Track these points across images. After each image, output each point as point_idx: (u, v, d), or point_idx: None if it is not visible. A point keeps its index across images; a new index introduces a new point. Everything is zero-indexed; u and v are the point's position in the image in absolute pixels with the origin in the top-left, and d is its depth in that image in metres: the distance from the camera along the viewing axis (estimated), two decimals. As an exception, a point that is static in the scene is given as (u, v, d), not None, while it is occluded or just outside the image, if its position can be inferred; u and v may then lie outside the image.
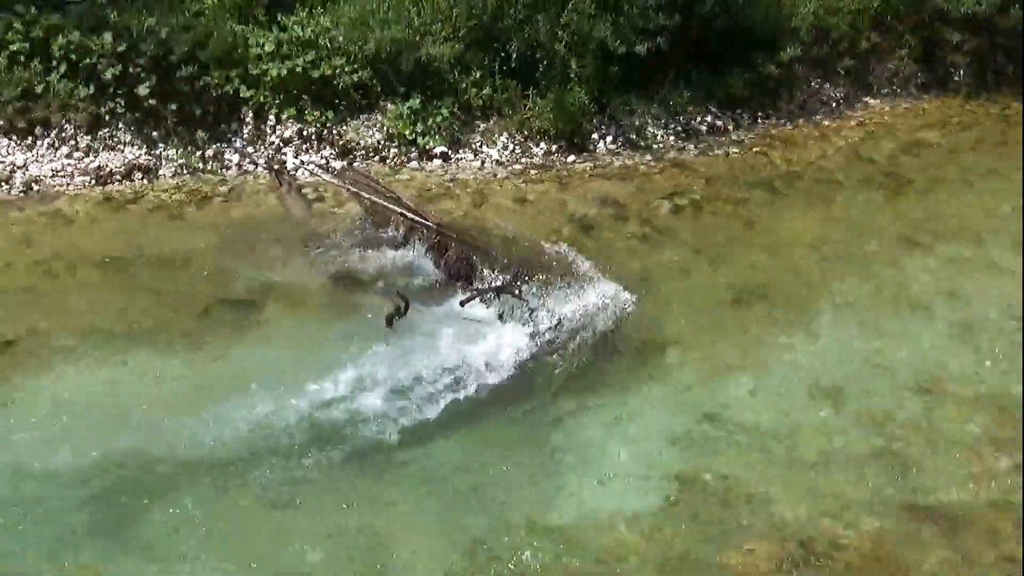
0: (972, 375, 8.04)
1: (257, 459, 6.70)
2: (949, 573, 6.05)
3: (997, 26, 14.59)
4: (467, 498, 6.53)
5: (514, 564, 5.97)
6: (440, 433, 7.11)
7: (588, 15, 11.67)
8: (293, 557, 5.98)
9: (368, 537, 6.13)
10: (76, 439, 6.74)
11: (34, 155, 10.56)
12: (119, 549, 5.96)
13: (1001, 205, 11.19)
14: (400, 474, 6.72)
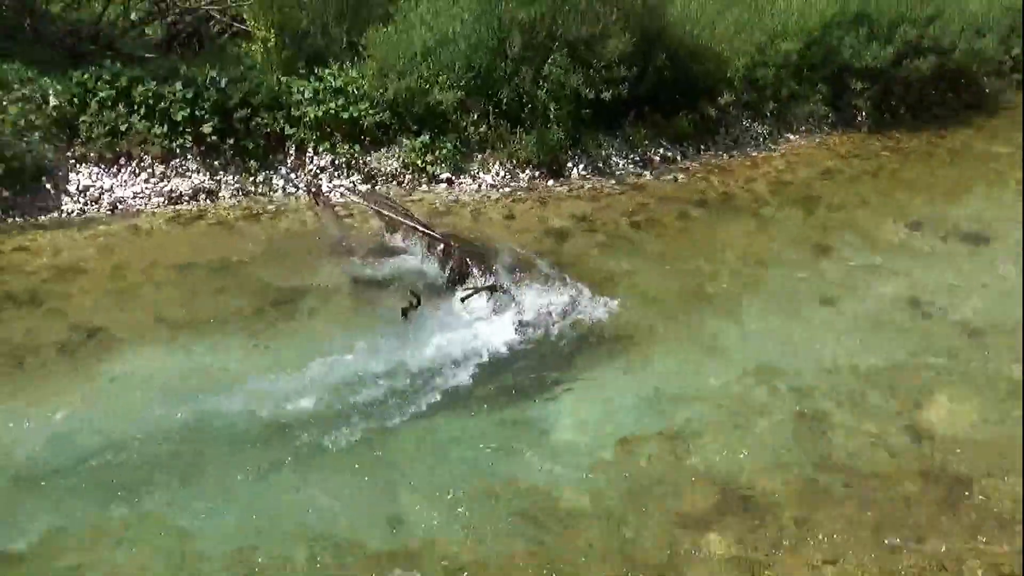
0: (872, 355, 8.19)
1: (306, 423, 6.90)
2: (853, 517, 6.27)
3: (892, 75, 14.83)
4: (460, 462, 6.70)
5: (501, 509, 6.22)
6: (444, 405, 7.27)
7: (564, 68, 11.90)
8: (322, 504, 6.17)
9: (382, 488, 6.34)
10: (152, 405, 6.95)
11: (119, 180, 10.72)
12: (192, 494, 6.18)
13: (894, 220, 11.41)
14: (409, 441, 6.87)
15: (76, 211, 10.34)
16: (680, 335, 8.51)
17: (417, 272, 9.48)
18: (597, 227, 10.89)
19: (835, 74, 14.81)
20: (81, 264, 9.22)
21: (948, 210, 11.81)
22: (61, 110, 10.73)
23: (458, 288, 9.00)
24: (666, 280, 9.58)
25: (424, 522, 5.95)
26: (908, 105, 15.51)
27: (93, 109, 10.78)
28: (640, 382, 7.70)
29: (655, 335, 8.44)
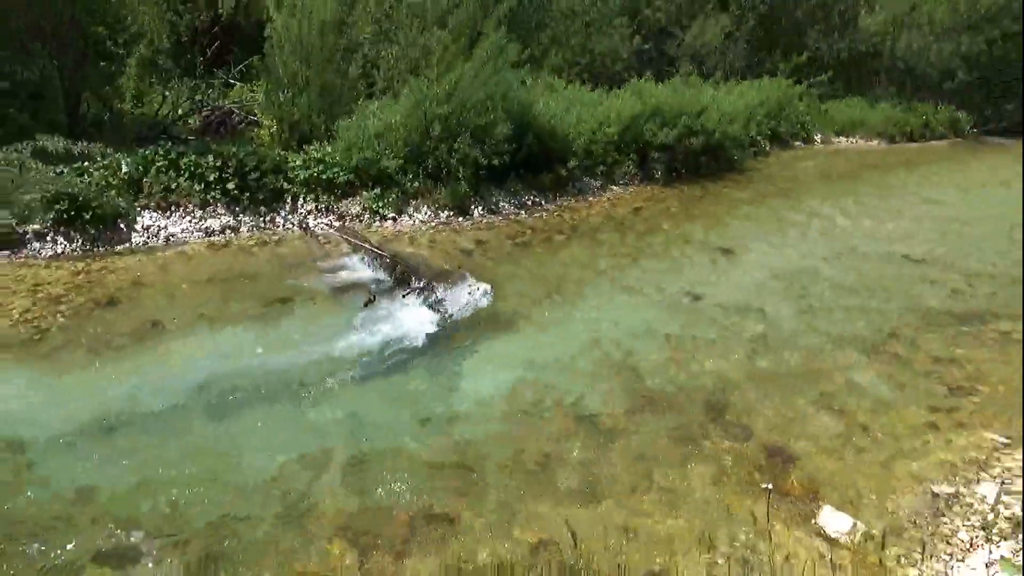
0: (666, 325, 8.40)
1: (304, 378, 6.88)
2: (659, 424, 6.46)
3: (676, 148, 15.23)
4: (400, 398, 6.79)
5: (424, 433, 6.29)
6: (392, 363, 7.30)
7: (468, 145, 11.99)
8: (313, 435, 6.18)
9: (362, 407, 6.40)
10: (199, 373, 6.86)
11: (171, 221, 10.43)
12: (227, 432, 6.15)
13: (679, 239, 11.75)
14: (371, 389, 6.87)
15: (141, 243, 10.03)
16: (543, 317, 8.58)
17: (373, 279, 9.43)
18: (491, 248, 10.94)
19: (641, 147, 15.14)
20: (145, 278, 8.96)
21: (710, 233, 12.16)
22: (130, 175, 10.46)
23: (401, 288, 8.98)
24: (535, 282, 9.66)
25: (382, 429, 5.99)
26: (687, 167, 15.87)
27: (152, 174, 10.54)
28: (518, 349, 7.78)
29: (528, 318, 8.52)
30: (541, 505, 5.29)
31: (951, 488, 5.62)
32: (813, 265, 10.65)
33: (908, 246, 11.71)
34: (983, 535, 5.00)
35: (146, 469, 5.49)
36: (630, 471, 5.72)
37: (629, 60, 19.60)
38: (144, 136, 11.75)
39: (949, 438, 6.32)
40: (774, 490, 5.49)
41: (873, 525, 5.14)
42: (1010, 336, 8.35)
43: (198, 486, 5.32)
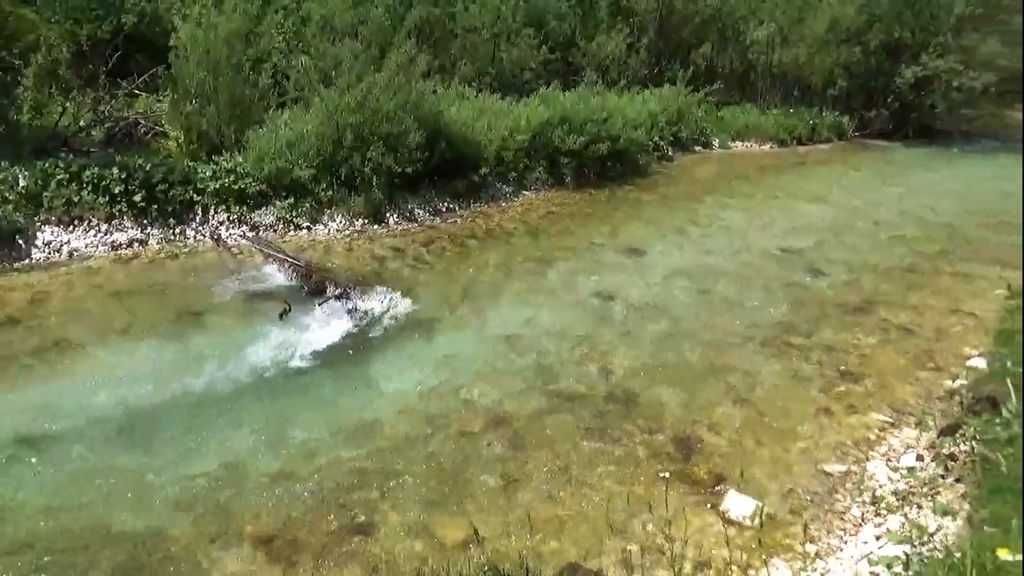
0: (578, 325, 8.46)
1: (218, 391, 6.63)
2: (568, 422, 6.49)
3: (584, 154, 15.39)
4: (318, 401, 6.62)
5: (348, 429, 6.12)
6: (309, 368, 7.12)
7: (381, 153, 11.80)
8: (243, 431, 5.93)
9: (280, 418, 6.19)
10: (112, 388, 6.53)
11: (74, 236, 9.87)
12: (139, 449, 5.83)
13: (589, 242, 11.88)
14: (287, 399, 6.70)
15: (42, 259, 9.44)
16: (459, 321, 8.54)
17: (289, 288, 9.13)
18: (406, 254, 10.79)
19: (551, 154, 15.21)
20: (47, 295, 8.44)
21: (618, 235, 12.36)
22: (28, 189, 9.79)
23: (317, 297, 8.73)
24: (450, 285, 9.60)
25: (299, 438, 5.81)
26: (595, 172, 16.03)
27: (52, 187, 9.90)
28: (434, 352, 7.70)
29: (444, 322, 8.45)
30: (460, 504, 5.24)
31: (843, 467, 5.86)
32: (714, 263, 10.95)
33: (800, 242, 12.19)
34: (873, 510, 5.21)
35: (53, 489, 5.17)
36: (546, 467, 5.73)
37: (537, 70, 19.71)
38: (43, 149, 11.02)
39: (841, 421, 6.60)
40: (683, 479, 5.60)
41: (774, 506, 5.29)
42: (891, 323, 8.79)
43: (112, 504, 5.03)
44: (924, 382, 7.35)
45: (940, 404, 6.75)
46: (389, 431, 6.16)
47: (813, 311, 9.14)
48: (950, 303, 9.48)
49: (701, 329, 8.50)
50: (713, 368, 7.53)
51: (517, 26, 19.60)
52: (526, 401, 6.72)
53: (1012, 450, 3.63)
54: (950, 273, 10.79)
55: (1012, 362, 4.85)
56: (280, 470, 5.55)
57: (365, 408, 6.52)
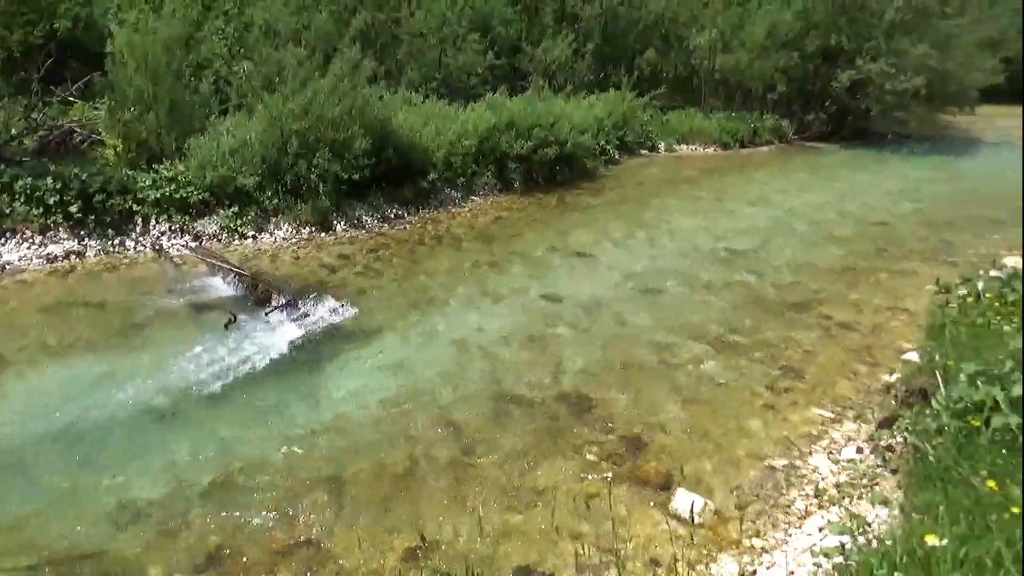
0: (528, 327, 8.47)
1: (163, 404, 6.47)
2: (526, 429, 6.50)
3: (532, 159, 15.50)
4: (265, 408, 6.51)
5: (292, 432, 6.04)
6: (255, 377, 6.98)
7: (327, 160, 11.68)
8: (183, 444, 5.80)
9: (225, 430, 6.07)
10: (48, 406, 6.29)
11: (6, 249, 9.56)
12: (80, 467, 5.65)
13: (539, 246, 11.93)
14: (234, 410, 6.55)
15: (-28, 272, 9.12)
16: (408, 327, 8.47)
17: (234, 298, 8.97)
18: (355, 262, 10.69)
19: (499, 159, 15.28)
20: (-22, 310, 8.13)
21: (567, 238, 12.45)
22: (-45, 200, 9.44)
23: (263, 306, 8.58)
24: (400, 293, 9.52)
25: (247, 449, 5.68)
26: (543, 176, 16.17)
27: (-18, 198, 9.55)
28: (384, 359, 7.62)
29: (394, 329, 8.37)
30: (412, 511, 5.20)
31: (787, 462, 6.00)
32: (662, 264, 11.12)
33: (744, 243, 12.46)
34: (816, 502, 5.35)
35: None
36: (498, 471, 5.72)
37: (484, 75, 19.78)
38: (-29, 159, 10.65)
39: (785, 416, 6.74)
40: (634, 479, 5.67)
41: (722, 502, 5.39)
42: (832, 320, 9.04)
43: (50, 523, 4.85)
44: (863, 377, 7.56)
45: (878, 398, 6.96)
46: (338, 440, 6.07)
47: (757, 310, 9.34)
48: (887, 300, 9.79)
49: (649, 329, 8.62)
50: (661, 368, 7.64)
51: (463, 31, 19.64)
52: (477, 406, 6.70)
53: (941, 439, 3.78)
54: (886, 271, 11.14)
55: (940, 355, 5.04)
56: (225, 483, 5.43)
57: (313, 417, 6.41)
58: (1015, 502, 2.95)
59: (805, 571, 4.30)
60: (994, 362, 4.07)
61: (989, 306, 5.62)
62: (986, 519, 2.89)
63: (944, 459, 3.58)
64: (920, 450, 3.94)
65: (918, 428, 4.20)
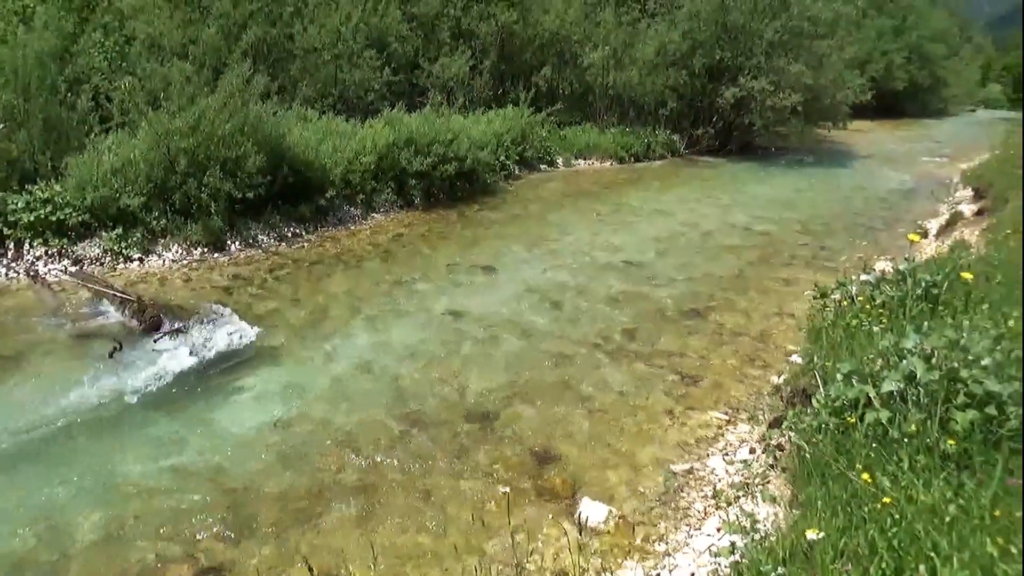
0: (431, 345, 8.45)
1: (45, 438, 6.05)
2: (423, 450, 6.45)
3: (432, 175, 15.49)
4: (153, 439, 6.22)
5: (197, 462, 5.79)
6: (146, 418, 6.64)
7: (219, 178, 11.31)
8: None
9: (112, 464, 5.76)
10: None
11: None
12: None
13: (440, 262, 11.91)
14: (123, 442, 6.24)
15: None
16: (307, 348, 8.28)
17: (120, 324, 8.52)
18: (251, 283, 10.36)
19: (398, 175, 15.18)
20: None
21: (469, 254, 12.50)
22: None
23: (152, 332, 8.20)
24: (298, 312, 9.29)
25: (138, 482, 5.39)
26: (444, 192, 16.17)
27: None
28: (283, 383, 7.42)
29: (293, 351, 8.17)
30: (317, 537, 5.09)
31: (687, 465, 6.22)
32: (563, 277, 11.32)
33: (641, 254, 12.86)
34: (714, 503, 5.57)
35: None
36: (404, 492, 5.67)
37: (381, 91, 19.63)
38: None
39: (683, 421, 7.00)
40: (541, 492, 5.73)
41: (626, 509, 5.53)
42: (724, 327, 9.46)
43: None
44: (754, 380, 7.94)
45: (768, 399, 7.32)
46: (235, 468, 5.87)
47: (654, 319, 9.66)
48: (773, 305, 10.33)
49: (552, 342, 8.75)
50: (565, 379, 7.77)
51: (359, 47, 19.44)
52: (382, 427, 6.61)
53: (821, 437, 4.03)
54: (772, 278, 11.75)
55: (818, 357, 5.36)
56: (113, 519, 5.14)
57: (208, 446, 6.16)
58: (886, 492, 3.18)
59: (706, 571, 4.46)
60: (866, 361, 4.37)
61: (861, 308, 6.03)
62: (862, 510, 3.10)
63: (824, 455, 3.81)
64: (802, 448, 4.18)
65: (800, 427, 4.44)
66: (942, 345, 3.98)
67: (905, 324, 5.10)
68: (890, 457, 3.52)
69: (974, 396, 3.68)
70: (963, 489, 3.26)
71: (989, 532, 2.94)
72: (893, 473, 3.40)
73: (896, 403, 3.86)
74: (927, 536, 2.86)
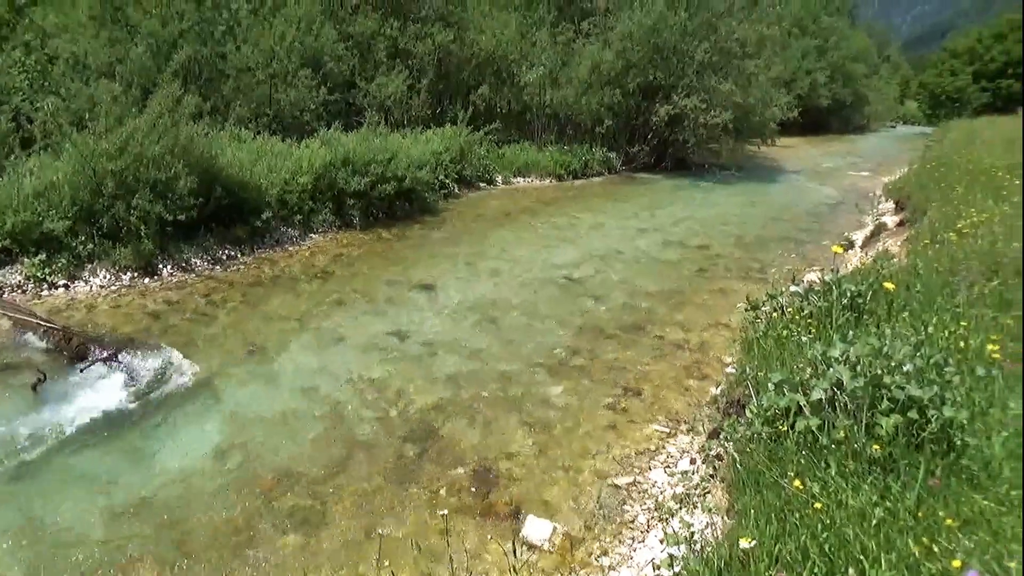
0: (371, 368, 8.34)
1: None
2: (366, 475, 6.34)
3: (370, 194, 15.39)
4: (87, 477, 5.97)
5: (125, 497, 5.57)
6: (71, 453, 6.37)
7: (148, 201, 11.01)
8: None
9: (39, 505, 5.48)
10: None
11: None
12: None
13: (381, 281, 11.80)
14: (46, 479, 5.97)
15: None
16: (244, 374, 8.08)
17: (44, 355, 8.14)
18: (184, 308, 10.06)
19: (336, 195, 15.03)
20: None
21: (410, 273, 12.42)
22: None
23: (79, 362, 7.87)
24: (235, 337, 9.07)
25: (64, 522, 5.15)
26: (383, 212, 16.08)
27: None
28: (219, 411, 7.22)
29: (230, 377, 7.95)
30: (257, 572, 4.94)
31: (629, 479, 6.28)
32: (504, 294, 11.35)
33: (581, 270, 13.01)
34: (656, 515, 5.64)
35: None
36: (345, 519, 5.57)
37: (317, 111, 19.45)
38: None
39: (626, 435, 7.07)
40: (485, 512, 5.70)
41: (570, 525, 5.55)
42: (663, 339, 9.62)
43: None
44: (694, 391, 8.09)
45: (707, 410, 7.45)
46: (172, 500, 5.67)
47: (595, 334, 9.76)
48: (710, 317, 10.57)
49: (494, 359, 8.76)
50: (507, 397, 7.77)
51: (294, 67, 19.25)
52: (322, 453, 6.49)
53: (754, 446, 4.13)
54: (708, 290, 12.03)
55: (751, 367, 5.51)
56: (43, 562, 4.90)
57: (140, 481, 5.94)
58: (817, 498, 3.28)
59: (648, 583, 4.51)
60: (796, 370, 4.50)
61: (791, 319, 6.22)
62: (794, 517, 3.19)
63: (757, 464, 3.90)
64: (738, 457, 4.28)
65: (735, 436, 4.55)
66: (866, 353, 4.13)
67: (832, 333, 5.28)
68: (820, 463, 3.64)
69: (897, 401, 3.83)
70: (889, 492, 3.38)
71: (914, 533, 3.05)
72: (823, 479, 3.51)
73: (825, 410, 3.99)
74: (856, 539, 2.96)
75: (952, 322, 5.53)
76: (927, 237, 9.97)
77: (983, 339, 5.07)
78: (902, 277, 7.06)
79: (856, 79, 63.38)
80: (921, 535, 2.99)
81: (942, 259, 7.99)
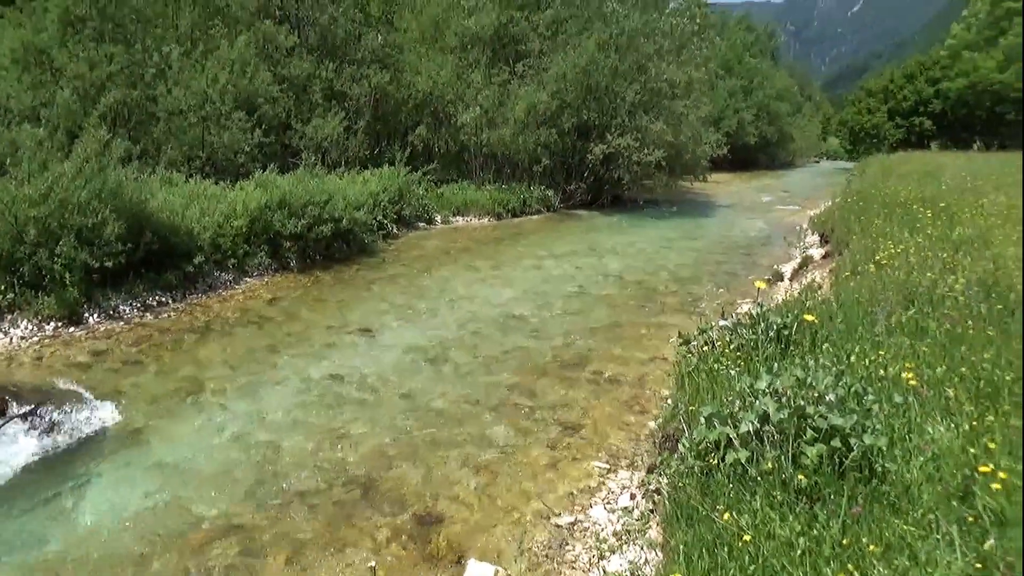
0: (312, 412, 8.20)
1: None
2: (294, 524, 6.20)
3: (307, 236, 15.25)
4: (19, 541, 5.67)
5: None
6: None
7: (73, 248, 10.68)
8: None
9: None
10: None
11: None
12: None
13: (318, 325, 11.65)
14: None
15: None
16: (176, 425, 7.81)
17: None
18: (112, 357, 9.73)
19: (272, 238, 14.86)
20: None
21: (347, 316, 12.30)
22: None
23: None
24: (166, 387, 8.78)
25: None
26: (320, 254, 15.95)
27: None
28: (149, 465, 6.94)
29: (160, 430, 7.68)
30: (186, 634, 4.75)
31: (572, 517, 6.29)
32: (445, 335, 11.33)
33: (521, 308, 13.09)
34: (598, 553, 5.65)
35: None
36: (283, 571, 5.41)
37: (252, 152, 19.26)
38: None
39: (567, 473, 7.08)
40: (426, 557, 5.63)
41: (513, 567, 5.51)
42: (602, 375, 9.73)
43: None
44: (633, 426, 8.16)
45: (646, 445, 7.54)
46: (97, 558, 5.41)
47: (536, 372, 9.81)
48: (647, 352, 10.74)
49: (435, 401, 8.70)
50: (449, 438, 7.72)
51: (227, 109, 19.07)
52: (258, 504, 6.29)
53: (687, 480, 4.21)
54: (645, 325, 12.24)
55: (683, 401, 5.63)
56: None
57: (68, 538, 5.65)
58: (745, 530, 3.37)
59: (592, 622, 4.50)
60: (726, 403, 4.63)
61: (722, 352, 6.39)
62: (724, 550, 3.27)
63: (689, 498, 3.98)
64: (671, 492, 4.35)
65: (669, 471, 4.63)
66: (791, 384, 4.29)
67: (759, 366, 5.45)
68: (749, 495, 3.74)
69: (820, 431, 3.97)
70: (816, 521, 3.49)
71: (840, 560, 3.16)
72: (753, 510, 3.61)
73: (753, 442, 4.11)
74: (783, 570, 3.04)
75: (872, 351, 5.78)
76: (848, 269, 10.41)
77: (900, 367, 5.31)
78: (825, 309, 7.33)
79: (780, 117, 66.34)
80: (846, 562, 3.09)
81: (862, 290, 8.35)
